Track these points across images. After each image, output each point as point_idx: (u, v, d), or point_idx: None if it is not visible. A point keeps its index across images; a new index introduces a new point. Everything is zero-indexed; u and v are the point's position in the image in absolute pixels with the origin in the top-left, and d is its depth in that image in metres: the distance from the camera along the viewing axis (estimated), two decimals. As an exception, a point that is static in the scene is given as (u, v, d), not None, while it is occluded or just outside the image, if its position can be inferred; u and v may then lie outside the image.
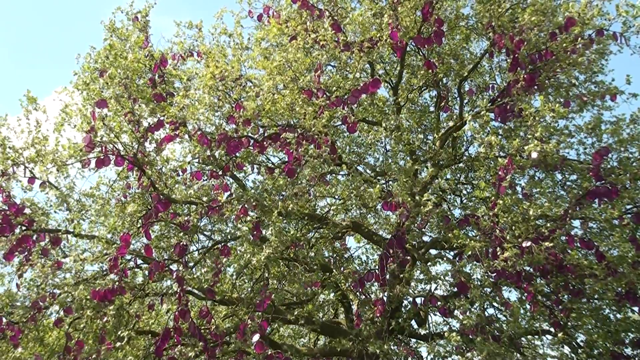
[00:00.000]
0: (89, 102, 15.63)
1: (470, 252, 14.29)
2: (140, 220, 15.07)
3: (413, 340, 18.59)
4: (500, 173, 14.08)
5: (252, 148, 15.09)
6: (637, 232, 15.76)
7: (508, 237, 13.76)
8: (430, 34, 15.51)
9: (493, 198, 14.21)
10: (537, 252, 13.66)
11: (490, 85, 17.17)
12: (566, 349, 17.11)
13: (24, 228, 15.53)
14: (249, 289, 16.13)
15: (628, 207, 15.60)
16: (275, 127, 14.94)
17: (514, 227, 14.11)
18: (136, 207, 15.17)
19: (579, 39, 15.48)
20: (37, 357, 16.59)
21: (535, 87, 15.83)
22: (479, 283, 15.84)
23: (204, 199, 15.17)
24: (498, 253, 13.69)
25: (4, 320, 15.69)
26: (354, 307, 17.55)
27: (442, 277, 16.95)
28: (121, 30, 16.56)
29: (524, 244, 13.70)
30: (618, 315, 16.48)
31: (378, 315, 16.43)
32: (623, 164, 15.82)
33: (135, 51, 15.87)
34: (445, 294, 16.96)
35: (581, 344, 16.75)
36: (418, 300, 17.04)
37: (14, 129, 15.73)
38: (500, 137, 15.59)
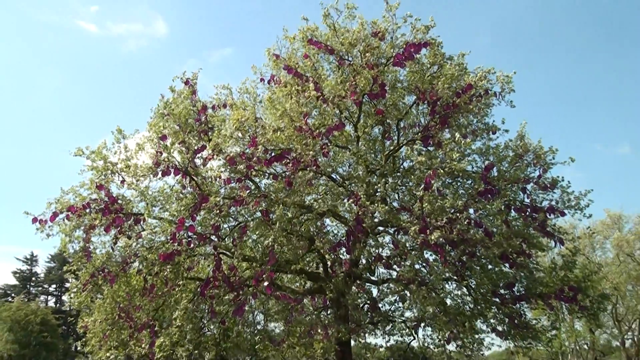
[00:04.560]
0: (157, 135, 15.55)
1: (409, 229, 14.18)
2: (190, 209, 14.92)
3: (367, 284, 18.54)
4: (427, 179, 14.17)
5: (263, 164, 14.91)
6: (508, 217, 15.91)
7: (433, 222, 13.77)
8: (377, 91, 15.46)
9: (421, 195, 14.14)
10: (449, 232, 13.76)
11: (417, 124, 17.02)
12: (464, 290, 17.31)
13: (117, 212, 15.61)
14: (261, 251, 16.01)
15: (504, 201, 15.63)
16: (278, 151, 14.86)
17: (433, 214, 14.06)
18: (188, 200, 15.12)
19: (473, 96, 15.64)
20: (128, 294, 16.67)
21: (446, 126, 15.87)
22: (410, 249, 15.87)
23: (232, 195, 15.13)
24: (427, 231, 13.70)
25: (106, 270, 15.85)
26: (329, 263, 17.48)
27: (385, 244, 17.10)
28: (178, 90, 16.58)
29: (440, 224, 13.81)
30: (496, 269, 16.56)
31: (345, 269, 16.50)
32: (500, 174, 16.17)
33: (186, 103, 15.81)
34: (387, 255, 16.85)
35: (473, 286, 16.95)
36: (370, 259, 16.98)
37: (110, 151, 15.89)
38: (425, 156, 15.47)
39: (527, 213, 16.15)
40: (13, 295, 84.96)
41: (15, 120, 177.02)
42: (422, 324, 17.63)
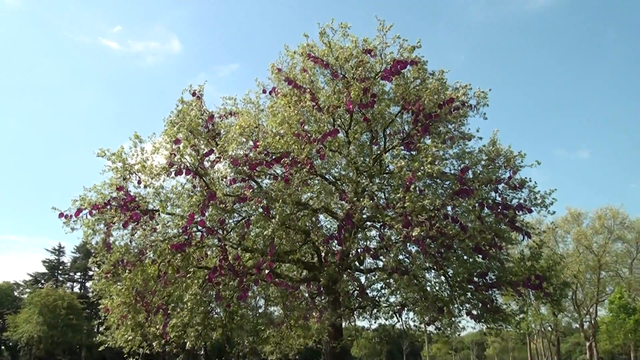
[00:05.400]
0: (170, 139, 15.40)
1: (393, 225, 14.20)
2: (199, 205, 14.79)
3: (356, 273, 18.46)
4: (407, 180, 14.10)
5: (264, 166, 14.80)
6: (481, 213, 15.82)
7: (414, 218, 13.66)
8: (367, 102, 15.36)
9: (402, 195, 14.05)
10: (429, 227, 13.74)
11: (401, 131, 16.92)
12: (442, 278, 17.17)
13: (134, 209, 15.45)
14: (262, 243, 15.90)
15: (477, 200, 15.51)
16: (277, 154, 14.73)
17: (414, 211, 13.97)
18: (198, 198, 14.98)
19: (452, 108, 15.61)
20: (144, 281, 16.50)
21: (427, 133, 15.81)
22: (395, 242, 15.77)
23: (237, 193, 14.99)
24: (409, 227, 13.67)
25: (125, 260, 15.67)
26: (323, 254, 17.38)
27: (372, 237, 17.04)
28: (188, 101, 16.35)
29: (420, 220, 13.69)
30: (471, 260, 16.39)
31: (337, 259, 16.41)
32: (475, 176, 16.11)
33: (196, 112, 15.65)
34: (374, 247, 16.79)
35: (450, 275, 16.84)
36: (359, 251, 16.88)
37: (129, 153, 15.80)
38: (407, 160, 15.36)
39: (499, 210, 16.15)
40: (43, 282, 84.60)
41: (48, 126, 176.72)
42: (405, 308, 17.55)
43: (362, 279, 18.32)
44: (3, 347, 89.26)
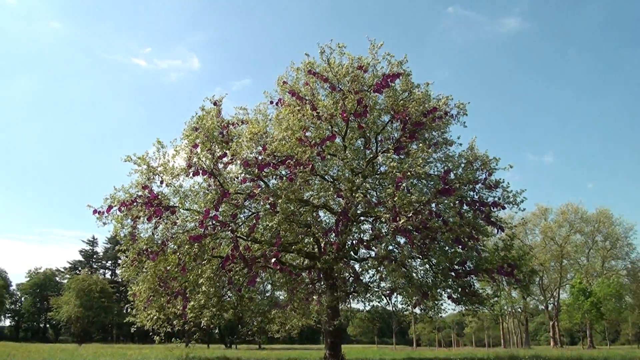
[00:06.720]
0: (189, 143, 15.19)
1: (382, 218, 13.97)
2: (214, 202, 14.58)
3: (352, 261, 18.23)
4: (397, 180, 13.94)
5: (271, 167, 14.59)
6: (461, 209, 15.62)
7: (402, 213, 13.49)
8: (361, 112, 15.16)
9: (393, 192, 13.87)
10: (414, 220, 13.59)
11: (391, 137, 16.71)
12: (427, 266, 16.94)
13: (157, 205, 15.24)
14: (269, 235, 15.68)
15: (458, 198, 15.31)
16: (282, 157, 14.52)
17: (402, 207, 13.77)
18: (212, 195, 14.78)
19: (436, 117, 15.40)
20: (166, 269, 16.27)
21: (414, 139, 15.61)
22: (385, 234, 15.57)
23: (247, 191, 14.78)
24: (397, 219, 13.47)
25: (149, 250, 15.45)
26: (322, 245, 17.15)
27: (365, 230, 16.83)
28: (207, 109, 16.09)
29: (408, 215, 13.50)
30: (452, 250, 16.20)
31: (335, 249, 16.22)
32: (456, 177, 15.80)
33: (213, 119, 15.41)
34: (367, 239, 16.58)
35: (434, 263, 16.59)
36: (354, 241, 16.70)
37: (152, 157, 15.62)
38: (397, 162, 15.14)
39: (476, 207, 16.00)
40: (79, 269, 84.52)
41: (86, 134, 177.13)
42: (394, 292, 17.34)
43: (357, 266, 18.08)
44: (48, 326, 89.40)
